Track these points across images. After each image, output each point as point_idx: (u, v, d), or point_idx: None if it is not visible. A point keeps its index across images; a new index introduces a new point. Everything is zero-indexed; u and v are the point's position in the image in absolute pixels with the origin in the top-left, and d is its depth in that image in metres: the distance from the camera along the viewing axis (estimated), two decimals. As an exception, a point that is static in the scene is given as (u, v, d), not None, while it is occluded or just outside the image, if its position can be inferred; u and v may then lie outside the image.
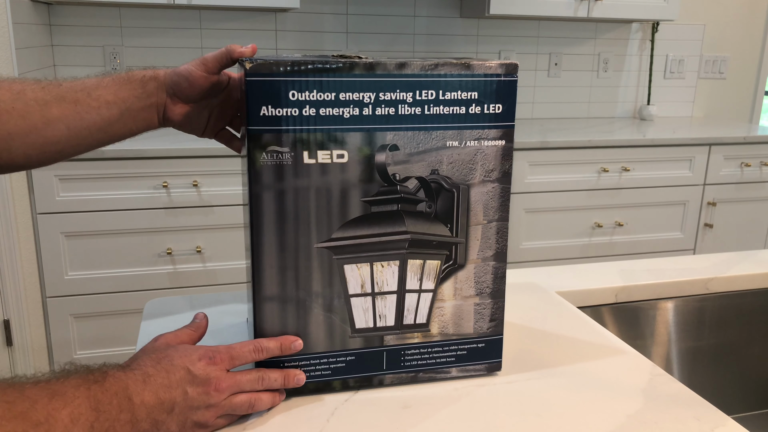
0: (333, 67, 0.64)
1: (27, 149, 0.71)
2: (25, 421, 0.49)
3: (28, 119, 0.70)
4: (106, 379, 0.57)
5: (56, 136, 0.72)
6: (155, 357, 0.62)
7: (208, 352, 0.64)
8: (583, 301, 1.02)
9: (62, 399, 0.53)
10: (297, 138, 0.64)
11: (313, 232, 0.67)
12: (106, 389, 0.56)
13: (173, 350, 0.63)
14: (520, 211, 2.49)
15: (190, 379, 0.61)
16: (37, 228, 2.04)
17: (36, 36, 2.23)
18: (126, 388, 0.58)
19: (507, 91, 0.69)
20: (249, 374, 0.65)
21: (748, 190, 2.77)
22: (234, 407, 0.64)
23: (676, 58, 3.18)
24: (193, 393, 0.61)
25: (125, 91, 0.74)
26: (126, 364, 0.61)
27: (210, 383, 0.62)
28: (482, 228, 0.72)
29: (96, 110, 0.72)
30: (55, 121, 0.71)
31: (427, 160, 0.68)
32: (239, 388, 0.64)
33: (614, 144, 2.52)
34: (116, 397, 0.56)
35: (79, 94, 0.72)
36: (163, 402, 0.59)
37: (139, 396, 0.58)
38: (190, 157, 2.10)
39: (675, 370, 1.08)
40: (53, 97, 0.71)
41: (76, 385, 0.55)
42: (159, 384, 0.59)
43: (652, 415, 0.68)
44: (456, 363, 0.74)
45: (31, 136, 0.71)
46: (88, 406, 0.54)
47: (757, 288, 1.11)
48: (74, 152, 0.75)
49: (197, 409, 0.61)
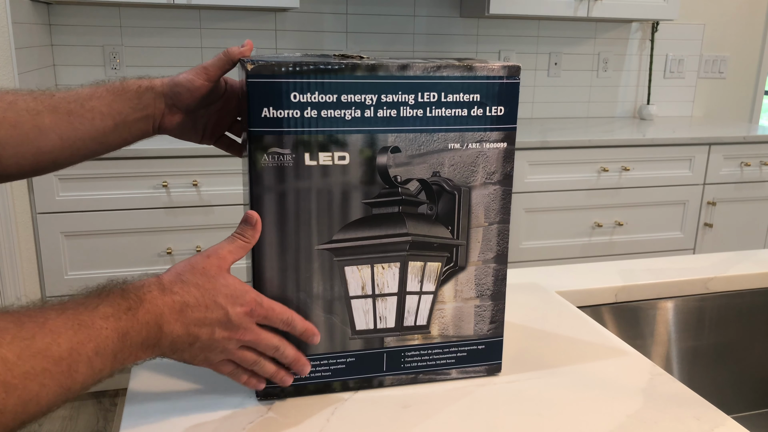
0: (335, 68, 0.64)
1: (19, 159, 0.71)
2: (45, 358, 0.49)
3: (19, 129, 0.69)
4: (142, 305, 0.57)
5: (49, 146, 0.71)
6: (201, 286, 0.61)
7: (251, 303, 0.62)
8: (583, 300, 1.02)
9: (88, 332, 0.52)
10: (298, 139, 0.64)
11: (314, 234, 0.67)
12: (138, 319, 0.56)
13: (222, 284, 0.62)
14: (520, 211, 2.50)
15: (224, 322, 0.61)
16: (37, 228, 2.04)
17: (36, 36, 2.23)
18: (160, 315, 0.58)
19: (509, 94, 0.69)
20: (271, 339, 0.65)
21: (748, 190, 2.78)
22: (241, 359, 0.64)
23: (675, 57, 3.18)
24: (218, 335, 0.61)
25: (120, 103, 0.73)
26: (168, 283, 0.60)
27: (237, 331, 0.62)
28: (483, 230, 0.72)
29: (90, 121, 0.72)
30: (47, 131, 0.70)
31: (428, 162, 0.68)
32: (256, 346, 0.64)
33: (614, 144, 2.52)
34: (146, 327, 0.56)
35: (72, 105, 0.72)
36: (190, 334, 0.60)
37: (170, 326, 0.58)
38: (190, 157, 2.10)
39: (675, 369, 1.08)
40: (45, 107, 0.71)
41: (106, 316, 0.54)
42: (194, 318, 0.59)
43: (652, 414, 0.68)
44: (456, 365, 0.75)
45: (23, 146, 0.70)
46: (116, 337, 0.54)
47: (757, 288, 1.11)
48: (68, 162, 0.75)
49: (214, 349, 0.62)
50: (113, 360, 0.54)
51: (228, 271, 0.63)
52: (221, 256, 0.63)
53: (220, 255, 0.63)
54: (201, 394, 0.71)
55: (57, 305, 0.53)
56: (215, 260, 0.63)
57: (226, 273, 0.63)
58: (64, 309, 0.53)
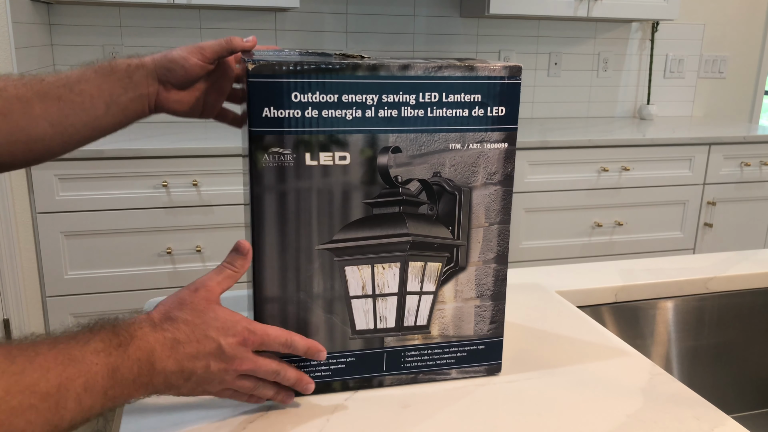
0: (336, 68, 0.64)
1: (11, 148, 0.69)
2: (33, 393, 0.48)
3: (9, 118, 0.68)
4: (132, 342, 0.55)
5: (40, 134, 0.69)
6: (190, 321, 0.60)
7: (244, 332, 0.61)
8: (583, 300, 1.02)
9: (78, 367, 0.51)
10: (299, 139, 0.64)
11: (315, 234, 0.67)
12: (129, 355, 0.55)
13: (212, 317, 0.61)
14: (520, 211, 2.50)
15: (218, 354, 0.60)
16: (37, 227, 2.04)
17: (36, 35, 2.23)
18: (152, 352, 0.57)
19: (510, 94, 0.69)
20: (270, 365, 0.63)
21: (748, 190, 2.78)
22: (240, 388, 0.63)
23: (675, 57, 3.18)
24: (214, 368, 0.60)
25: (109, 84, 0.71)
26: (158, 320, 0.59)
27: (233, 362, 0.61)
28: (484, 230, 0.72)
29: (80, 106, 0.70)
30: (37, 119, 0.69)
31: (429, 163, 0.68)
32: (255, 374, 0.63)
33: (614, 143, 2.52)
34: (138, 363, 0.55)
35: (61, 90, 0.69)
36: (184, 370, 0.59)
37: (162, 363, 0.57)
38: (190, 157, 2.10)
39: (675, 369, 1.08)
40: (35, 94, 0.69)
41: (96, 351, 0.53)
42: (186, 353, 0.58)
43: (651, 414, 0.69)
44: (456, 365, 0.75)
45: (14, 134, 0.69)
46: (106, 373, 0.53)
47: (757, 288, 1.11)
48: (63, 149, 0.73)
49: (211, 382, 0.61)
50: (104, 397, 0.53)
51: (217, 303, 0.62)
52: (209, 289, 0.62)
53: (208, 287, 0.62)
54: (201, 393, 0.71)
55: (49, 339, 0.52)
56: (203, 293, 0.62)
57: (215, 305, 0.62)
58: (56, 343, 0.52)
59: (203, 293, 0.62)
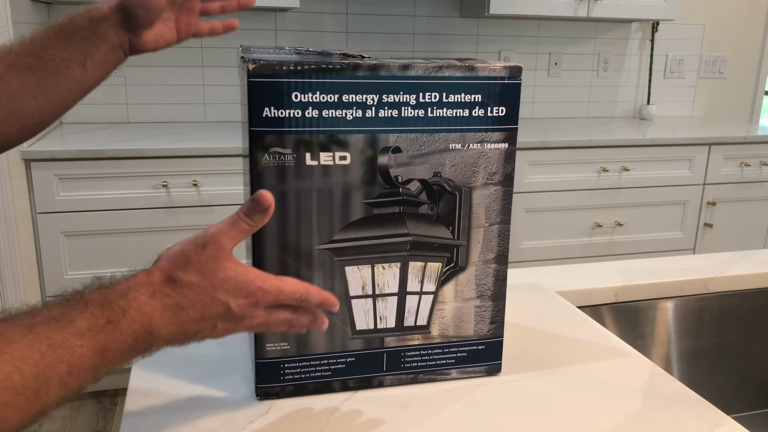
0: (336, 68, 0.64)
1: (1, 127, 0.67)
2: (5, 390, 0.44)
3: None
4: (125, 315, 0.51)
5: (26, 109, 0.67)
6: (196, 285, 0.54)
7: (257, 293, 0.56)
8: (583, 300, 1.02)
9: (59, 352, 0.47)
10: (299, 139, 0.64)
11: (315, 234, 0.67)
12: (120, 331, 0.50)
13: (221, 279, 0.55)
14: (520, 211, 2.50)
15: (227, 315, 0.55)
16: (37, 228, 2.04)
17: (36, 35, 2.23)
18: (149, 321, 0.52)
19: (510, 94, 0.69)
20: (282, 315, 0.59)
21: (748, 190, 2.78)
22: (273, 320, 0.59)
23: (675, 57, 3.18)
24: (222, 326, 0.56)
25: (78, 45, 0.68)
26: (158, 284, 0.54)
27: (242, 321, 0.56)
28: (484, 230, 0.72)
29: (55, 72, 0.67)
30: (17, 94, 0.67)
31: (429, 163, 0.68)
32: (266, 328, 0.59)
33: (614, 144, 2.52)
34: (132, 336, 0.51)
35: (30, 59, 0.67)
36: (187, 332, 0.55)
37: (162, 330, 0.53)
38: (190, 157, 2.10)
39: (675, 369, 1.08)
40: (7, 68, 0.66)
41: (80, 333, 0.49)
42: (190, 318, 0.54)
43: (651, 414, 0.69)
44: (456, 365, 0.75)
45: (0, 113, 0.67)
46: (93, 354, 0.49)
47: (757, 288, 1.11)
48: (55, 116, 0.71)
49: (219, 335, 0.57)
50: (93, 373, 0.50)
51: (228, 260, 0.56)
52: (219, 245, 0.55)
53: (219, 243, 0.55)
54: (201, 393, 0.71)
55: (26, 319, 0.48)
56: (212, 250, 0.55)
57: (225, 263, 0.55)
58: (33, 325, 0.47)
59: (212, 250, 0.55)
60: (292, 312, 0.60)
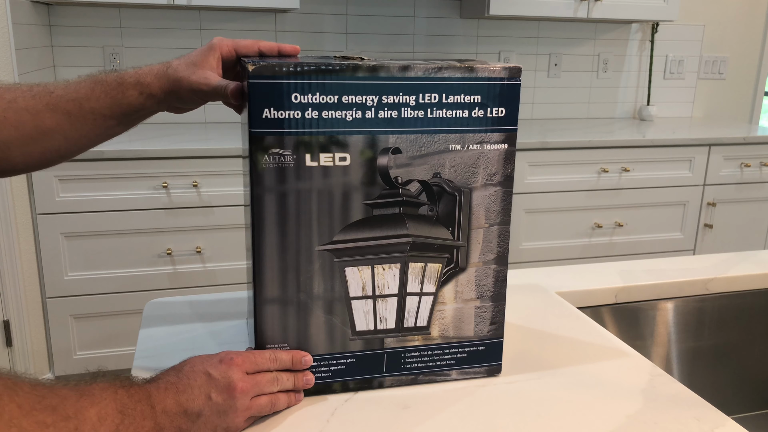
0: (336, 69, 0.64)
1: (26, 158, 0.71)
2: (55, 413, 0.50)
3: (21, 130, 0.70)
4: (132, 385, 0.58)
5: (55, 146, 0.72)
6: (177, 366, 0.63)
7: (229, 354, 0.64)
8: (583, 301, 1.02)
9: (90, 398, 0.53)
10: (299, 140, 0.64)
11: (315, 235, 0.67)
12: (131, 394, 0.57)
13: (194, 360, 0.64)
14: (520, 212, 2.50)
15: (212, 384, 0.61)
16: (37, 228, 2.04)
17: (36, 37, 2.23)
18: (149, 396, 0.58)
19: (510, 95, 0.69)
20: (265, 375, 0.66)
21: (748, 191, 2.78)
22: (259, 409, 0.64)
23: (675, 58, 3.18)
24: (217, 398, 0.61)
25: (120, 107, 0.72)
26: (151, 377, 0.62)
27: (233, 387, 0.62)
28: (484, 231, 0.72)
29: (92, 122, 0.72)
30: (50, 132, 0.71)
31: (429, 164, 0.68)
32: (260, 389, 0.64)
33: (614, 144, 2.52)
34: (140, 404, 0.57)
35: (70, 105, 0.71)
36: (187, 410, 0.59)
37: (161, 404, 0.58)
38: (190, 158, 2.10)
39: (675, 370, 1.08)
40: (45, 106, 0.70)
41: (103, 388, 0.55)
42: (180, 390, 0.60)
43: (651, 415, 0.69)
44: (456, 366, 0.75)
45: (28, 146, 0.71)
46: (114, 408, 0.55)
47: (757, 288, 1.11)
48: (76, 153, 0.76)
49: (225, 413, 0.61)
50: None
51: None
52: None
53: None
54: (201, 394, 0.71)
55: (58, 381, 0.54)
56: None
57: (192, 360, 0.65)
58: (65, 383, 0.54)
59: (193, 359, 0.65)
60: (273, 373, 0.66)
